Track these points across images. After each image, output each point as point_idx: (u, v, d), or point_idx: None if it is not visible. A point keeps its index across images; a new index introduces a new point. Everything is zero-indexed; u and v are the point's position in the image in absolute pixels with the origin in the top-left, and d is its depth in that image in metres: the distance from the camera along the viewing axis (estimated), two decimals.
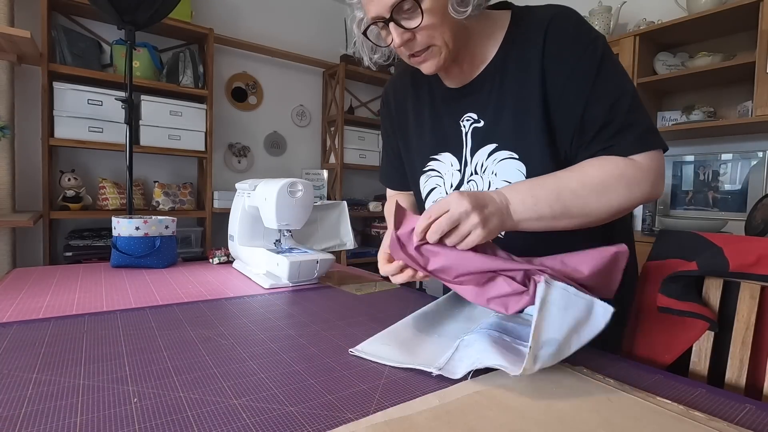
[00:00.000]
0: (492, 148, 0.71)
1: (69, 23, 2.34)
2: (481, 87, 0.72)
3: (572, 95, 0.64)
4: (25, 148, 2.22)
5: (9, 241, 1.96)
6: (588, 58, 0.63)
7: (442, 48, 0.65)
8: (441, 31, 0.63)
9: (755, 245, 0.64)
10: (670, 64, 2.10)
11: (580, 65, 0.63)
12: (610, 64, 0.63)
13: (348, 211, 1.60)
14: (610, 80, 0.63)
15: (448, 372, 0.50)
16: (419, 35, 0.64)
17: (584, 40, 0.64)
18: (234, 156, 2.95)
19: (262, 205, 1.02)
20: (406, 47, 0.66)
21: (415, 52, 0.66)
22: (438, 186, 0.80)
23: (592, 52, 0.63)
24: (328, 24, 3.35)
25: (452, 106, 0.77)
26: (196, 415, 0.40)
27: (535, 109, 0.66)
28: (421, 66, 0.69)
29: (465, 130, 0.75)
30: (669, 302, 0.70)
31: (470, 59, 0.72)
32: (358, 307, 0.81)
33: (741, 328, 0.64)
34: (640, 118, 0.63)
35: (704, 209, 2.20)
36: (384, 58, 0.75)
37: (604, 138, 0.63)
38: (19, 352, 0.54)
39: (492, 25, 0.70)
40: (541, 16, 0.66)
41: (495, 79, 0.70)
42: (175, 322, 0.68)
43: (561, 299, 0.50)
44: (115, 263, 1.11)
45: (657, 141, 0.63)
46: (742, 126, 1.86)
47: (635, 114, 0.63)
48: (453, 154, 0.77)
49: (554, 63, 0.65)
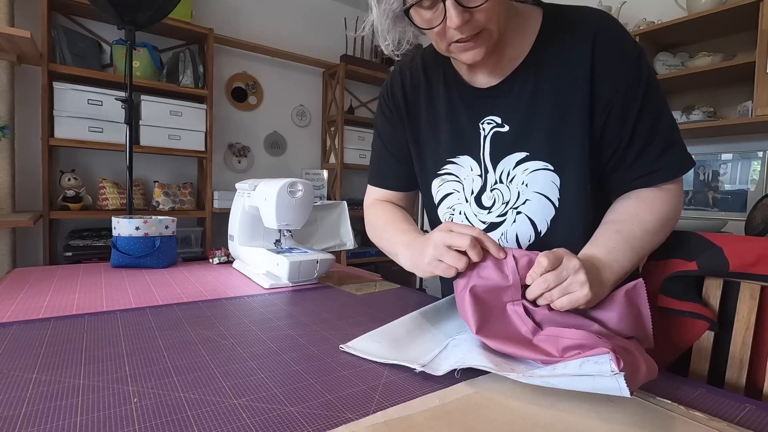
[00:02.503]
0: (521, 157, 0.68)
1: (69, 23, 2.34)
2: (510, 89, 0.68)
3: (621, 109, 0.63)
4: (25, 148, 2.22)
5: (9, 241, 1.96)
6: (638, 74, 0.63)
7: (494, 32, 0.59)
8: (499, 12, 0.58)
9: (755, 245, 0.64)
10: (670, 64, 2.10)
11: (630, 80, 0.62)
12: (655, 82, 0.64)
13: (348, 211, 1.60)
14: (654, 99, 0.63)
15: (431, 369, 0.49)
16: (478, 14, 0.57)
17: (633, 54, 0.63)
18: (234, 156, 2.95)
19: (262, 205, 1.02)
20: (461, 30, 0.58)
21: (466, 36, 0.58)
22: (455, 191, 0.76)
23: (641, 68, 0.63)
24: (328, 24, 3.35)
25: (473, 105, 0.71)
26: (196, 415, 0.40)
27: (577, 119, 0.64)
28: (467, 54, 0.61)
29: (484, 133, 0.71)
30: (669, 302, 0.70)
31: (499, 54, 0.67)
32: (358, 307, 0.81)
33: (741, 328, 0.65)
34: (678, 138, 0.65)
35: (704, 209, 2.20)
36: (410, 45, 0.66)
37: (649, 159, 0.64)
38: (19, 352, 0.54)
39: (522, 20, 0.66)
40: (585, 21, 0.64)
41: (528, 82, 0.66)
42: (175, 322, 0.68)
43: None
44: (115, 263, 1.11)
45: (691, 161, 0.65)
46: (742, 126, 1.86)
47: (675, 133, 0.65)
48: (473, 157, 0.73)
49: (604, 74, 0.62)
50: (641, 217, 0.63)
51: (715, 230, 1.92)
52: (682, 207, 0.66)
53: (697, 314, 0.67)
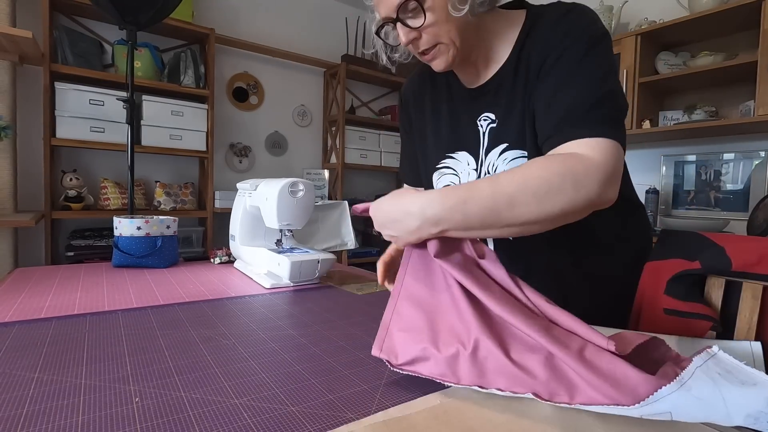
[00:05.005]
0: (503, 148, 0.71)
1: (71, 23, 2.34)
2: (496, 88, 0.72)
3: (551, 79, 0.63)
4: (26, 148, 2.23)
5: (11, 241, 1.96)
6: (577, 47, 0.61)
7: (449, 46, 0.66)
8: (446, 29, 0.64)
9: (757, 245, 0.64)
10: (671, 63, 2.10)
11: (567, 51, 0.61)
12: (598, 56, 0.60)
13: (349, 211, 1.60)
14: (590, 71, 0.60)
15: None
16: (425, 34, 0.65)
17: (581, 31, 0.61)
18: (235, 156, 2.96)
19: (263, 205, 1.02)
20: (414, 46, 0.67)
21: (423, 50, 0.67)
22: (452, 184, 0.80)
23: (583, 42, 0.61)
24: (329, 24, 3.35)
25: (470, 105, 0.77)
26: (197, 415, 0.40)
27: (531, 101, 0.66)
28: (432, 64, 0.70)
29: (482, 130, 0.75)
30: (675, 304, 0.69)
31: (484, 59, 0.72)
32: (359, 306, 0.81)
33: (743, 328, 0.64)
34: (606, 111, 0.58)
35: (706, 209, 2.19)
36: (404, 57, 0.76)
37: (559, 125, 0.59)
38: (21, 351, 0.54)
39: (507, 25, 0.70)
40: (554, 13, 0.65)
41: (507, 79, 0.70)
42: (177, 321, 0.68)
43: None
44: (117, 263, 1.11)
45: (613, 131, 0.56)
46: (744, 125, 1.85)
47: (601, 107, 0.58)
48: (470, 153, 0.77)
49: (549, 51, 0.63)
50: (528, 170, 0.54)
51: (717, 230, 1.92)
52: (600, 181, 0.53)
53: (703, 315, 0.67)
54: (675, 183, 2.30)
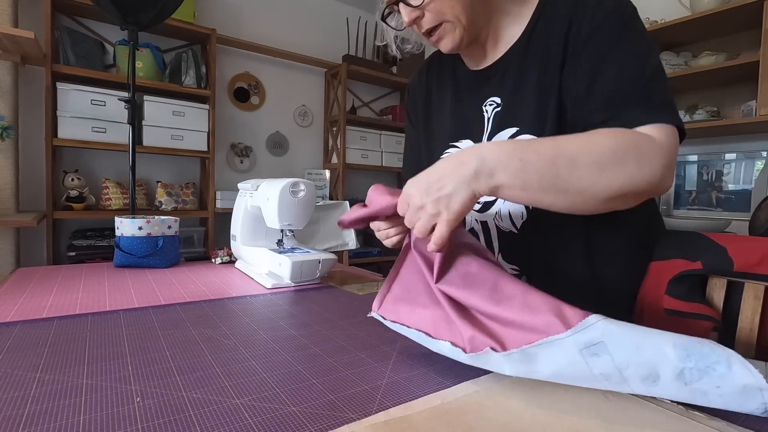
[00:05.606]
0: (513, 132, 0.67)
1: (72, 24, 2.35)
2: (505, 69, 0.69)
3: (586, 57, 0.58)
4: (28, 149, 2.24)
5: (13, 241, 1.97)
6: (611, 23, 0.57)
7: (455, 24, 0.63)
8: (449, 5, 0.61)
9: (759, 245, 0.64)
10: (673, 63, 2.09)
11: (601, 29, 0.57)
12: (636, 32, 0.57)
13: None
14: (631, 47, 0.56)
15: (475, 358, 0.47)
16: (427, 11, 0.62)
17: (611, 4, 0.58)
18: (236, 156, 2.96)
19: (264, 205, 1.02)
20: (418, 26, 0.64)
21: (429, 30, 0.64)
22: None
23: (618, 17, 0.57)
24: (330, 24, 3.36)
25: (475, 89, 0.74)
26: (198, 415, 0.40)
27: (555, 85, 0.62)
28: (439, 44, 0.67)
29: (487, 116, 0.72)
30: (676, 304, 0.69)
31: (494, 39, 0.69)
32: (360, 306, 0.81)
33: (745, 329, 0.64)
34: (659, 92, 0.55)
35: (708, 209, 2.19)
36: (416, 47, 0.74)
37: (611, 108, 0.55)
38: (23, 351, 0.54)
39: (519, 3, 0.67)
40: None
41: (518, 60, 0.67)
42: (178, 321, 0.68)
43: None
44: (118, 263, 1.11)
45: (674, 117, 0.54)
46: (746, 125, 1.85)
47: (653, 87, 0.55)
48: (475, 142, 0.74)
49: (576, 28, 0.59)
50: (592, 137, 0.52)
51: (719, 230, 1.91)
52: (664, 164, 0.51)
53: (703, 315, 0.67)
54: (676, 183, 2.30)
